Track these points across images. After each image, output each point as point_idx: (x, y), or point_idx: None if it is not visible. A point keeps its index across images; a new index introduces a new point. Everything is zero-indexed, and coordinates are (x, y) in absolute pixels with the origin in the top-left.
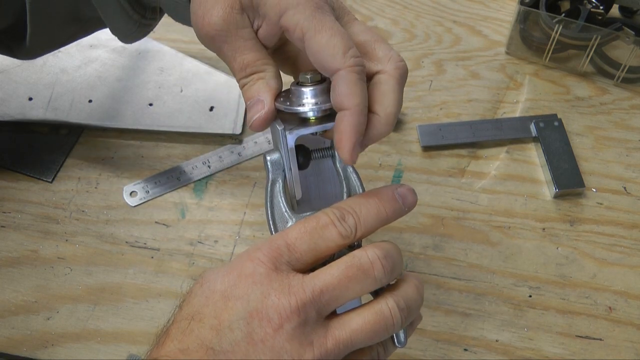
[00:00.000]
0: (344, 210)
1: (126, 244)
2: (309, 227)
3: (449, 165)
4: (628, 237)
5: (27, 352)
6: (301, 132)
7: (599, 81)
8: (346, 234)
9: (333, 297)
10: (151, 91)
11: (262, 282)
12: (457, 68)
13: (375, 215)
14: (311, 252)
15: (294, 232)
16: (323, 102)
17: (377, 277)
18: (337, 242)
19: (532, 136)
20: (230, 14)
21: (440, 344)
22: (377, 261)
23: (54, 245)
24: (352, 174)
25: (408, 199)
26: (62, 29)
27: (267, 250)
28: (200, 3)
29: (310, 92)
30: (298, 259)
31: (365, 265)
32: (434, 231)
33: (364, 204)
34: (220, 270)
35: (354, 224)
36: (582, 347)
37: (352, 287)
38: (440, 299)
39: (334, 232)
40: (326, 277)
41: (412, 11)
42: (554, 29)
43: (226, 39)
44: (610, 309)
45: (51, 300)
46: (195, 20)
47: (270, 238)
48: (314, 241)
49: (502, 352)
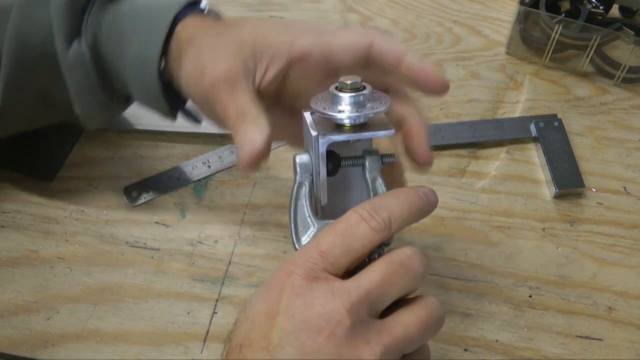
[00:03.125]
0: (375, 206)
1: (126, 244)
2: (339, 230)
3: (449, 165)
4: (628, 237)
5: (27, 352)
6: (334, 139)
7: (599, 81)
8: (379, 227)
9: (379, 294)
10: None
11: (304, 294)
12: (457, 68)
13: (407, 209)
14: (346, 255)
15: (326, 237)
16: (362, 111)
17: (417, 271)
18: (371, 238)
19: (532, 136)
20: (234, 64)
21: (440, 344)
22: (414, 256)
23: (54, 245)
24: (381, 186)
25: (431, 197)
26: (33, 111)
27: (301, 262)
28: (197, 58)
29: (349, 98)
30: (333, 264)
31: (405, 261)
32: (434, 231)
33: (395, 200)
34: (259, 291)
35: (387, 217)
36: (582, 347)
37: (396, 283)
38: (440, 299)
39: (366, 228)
40: (369, 276)
41: (412, 11)
42: (554, 29)
43: (226, 87)
44: (610, 309)
45: (51, 300)
46: (195, 75)
47: (303, 248)
48: (347, 242)
49: (502, 352)
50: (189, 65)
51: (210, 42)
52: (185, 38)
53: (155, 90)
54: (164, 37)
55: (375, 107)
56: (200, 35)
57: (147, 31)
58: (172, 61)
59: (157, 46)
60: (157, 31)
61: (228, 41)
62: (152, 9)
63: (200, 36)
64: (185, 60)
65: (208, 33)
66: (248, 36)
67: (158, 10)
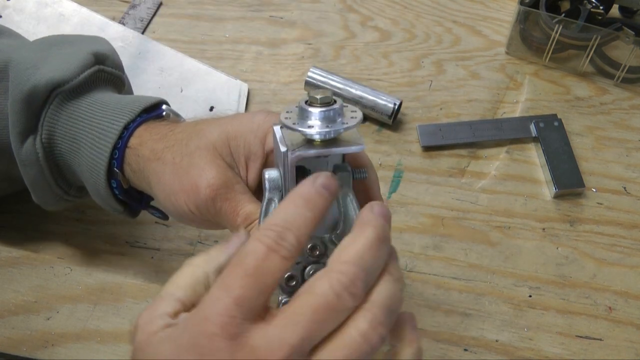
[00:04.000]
0: (278, 228)
1: (126, 244)
2: (249, 268)
3: (449, 165)
4: (628, 237)
5: (27, 352)
6: (304, 155)
7: (599, 81)
8: (290, 254)
9: (306, 345)
10: (151, 91)
11: (225, 357)
12: (457, 68)
13: (311, 218)
14: (262, 294)
15: (236, 280)
16: (332, 126)
17: (348, 307)
18: (283, 268)
19: (532, 136)
20: (224, 171)
21: (440, 344)
22: (343, 293)
23: (54, 245)
24: (352, 202)
25: (330, 186)
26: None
27: (217, 318)
28: (180, 178)
29: (319, 113)
30: (252, 309)
31: (331, 303)
32: (434, 231)
33: (295, 212)
34: (172, 350)
35: (294, 240)
36: (582, 347)
37: (323, 329)
38: (440, 299)
39: (277, 259)
40: (292, 328)
41: (412, 11)
42: (554, 29)
43: (227, 196)
44: (610, 309)
45: (51, 300)
46: (186, 193)
47: (212, 296)
48: (261, 281)
49: (502, 352)
50: (169, 186)
51: (184, 153)
52: (146, 154)
53: (107, 196)
54: (110, 148)
55: (346, 122)
56: (165, 150)
57: (97, 138)
58: (132, 172)
59: (105, 157)
60: (105, 141)
61: (202, 150)
62: (108, 111)
63: (166, 150)
64: (161, 178)
65: (173, 145)
66: (218, 138)
67: (113, 113)
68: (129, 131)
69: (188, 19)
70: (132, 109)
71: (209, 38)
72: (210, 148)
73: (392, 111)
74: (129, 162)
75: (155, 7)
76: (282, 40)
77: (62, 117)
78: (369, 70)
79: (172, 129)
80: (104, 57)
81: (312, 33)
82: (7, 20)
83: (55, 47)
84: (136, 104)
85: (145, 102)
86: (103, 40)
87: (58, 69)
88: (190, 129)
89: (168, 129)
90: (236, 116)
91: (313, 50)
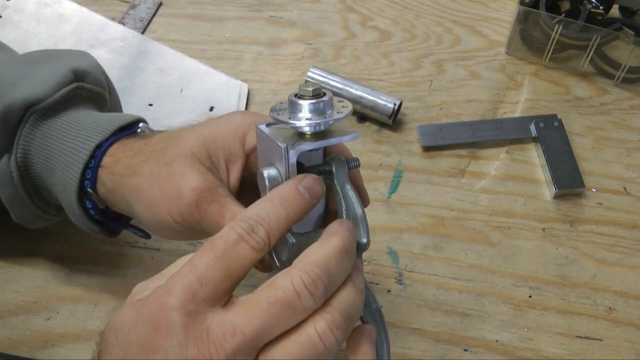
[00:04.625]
0: (252, 221)
1: (126, 244)
2: (217, 251)
3: (449, 165)
4: (628, 237)
5: (27, 353)
6: (305, 148)
7: (599, 81)
8: (259, 247)
9: (259, 338)
10: (151, 91)
11: (178, 332)
12: (457, 68)
13: (285, 217)
14: (227, 279)
15: (203, 259)
16: (323, 118)
17: (306, 307)
18: (251, 258)
19: (532, 136)
20: (205, 175)
21: (440, 344)
22: (303, 291)
23: (54, 245)
24: (351, 191)
25: (314, 190)
26: None
27: (179, 293)
28: (160, 187)
29: (310, 105)
30: (214, 291)
31: (290, 299)
32: (434, 231)
33: (270, 209)
34: (133, 317)
35: (265, 234)
36: (582, 347)
37: (280, 325)
38: (440, 299)
39: (246, 248)
40: (248, 318)
41: (412, 11)
42: (554, 29)
43: (211, 198)
44: (610, 309)
45: (51, 300)
46: (169, 199)
47: (179, 273)
48: (227, 265)
49: (502, 353)
50: (150, 198)
51: (162, 164)
52: (121, 171)
53: (81, 216)
54: (81, 168)
55: (338, 113)
56: (141, 163)
57: (69, 157)
58: (107, 192)
59: (75, 177)
60: (76, 161)
61: (180, 157)
62: (82, 131)
63: (142, 164)
64: (140, 192)
65: (149, 158)
66: (196, 144)
67: (86, 132)
68: (102, 150)
69: (188, 19)
70: (106, 128)
71: (209, 38)
72: (188, 155)
73: (392, 111)
74: (103, 181)
75: (155, 7)
76: (282, 40)
77: (36, 136)
78: (369, 70)
79: (146, 142)
80: (84, 74)
81: (312, 33)
82: (7, 21)
83: (38, 63)
84: (111, 123)
85: (120, 122)
86: (87, 56)
87: (34, 87)
88: (166, 139)
89: (142, 143)
90: (213, 120)
91: (313, 50)
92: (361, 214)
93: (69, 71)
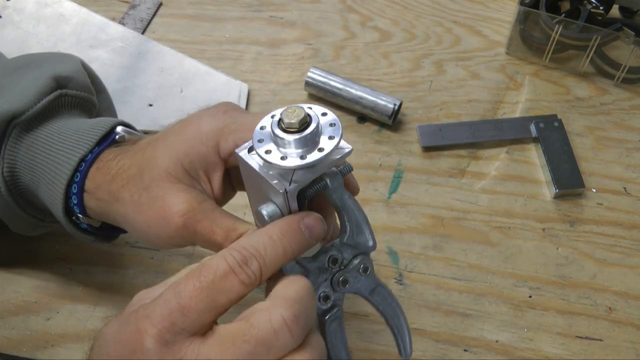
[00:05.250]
0: (246, 252)
1: (126, 244)
2: (205, 282)
3: (449, 165)
4: (628, 237)
5: (26, 353)
6: (302, 184)
7: (599, 81)
8: (250, 281)
9: None
10: (151, 91)
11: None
12: (457, 68)
13: (281, 254)
14: (210, 311)
15: (188, 287)
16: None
17: (283, 345)
18: (239, 292)
19: (532, 136)
20: (186, 194)
21: (440, 344)
22: (282, 328)
23: (54, 245)
24: (350, 199)
25: (315, 230)
26: None
27: (158, 320)
28: (143, 215)
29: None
30: (195, 322)
31: (268, 336)
32: (433, 231)
33: (268, 243)
34: (115, 333)
35: (258, 269)
36: (582, 347)
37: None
38: (440, 300)
39: (235, 282)
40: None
41: (412, 11)
42: (554, 29)
43: (197, 217)
44: (610, 310)
45: (51, 300)
46: (155, 229)
47: (162, 297)
48: (212, 297)
49: (502, 353)
50: (136, 225)
51: (140, 188)
52: (104, 197)
53: (72, 230)
54: (63, 190)
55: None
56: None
57: (53, 173)
58: (98, 215)
59: (59, 198)
60: (59, 178)
61: (157, 181)
62: (64, 143)
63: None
64: (126, 218)
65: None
66: (170, 163)
67: (69, 145)
68: (83, 172)
69: (188, 19)
70: (87, 139)
71: (209, 38)
72: (164, 176)
73: (392, 111)
74: (90, 206)
75: (155, 8)
76: (282, 41)
77: (21, 149)
78: (369, 70)
79: (121, 166)
80: (67, 80)
81: (312, 33)
82: (7, 21)
83: (18, 71)
84: (92, 132)
85: (99, 132)
86: (71, 59)
87: (15, 99)
88: (139, 160)
89: (117, 166)
90: (182, 129)
91: (313, 51)
92: (363, 219)
93: (50, 79)
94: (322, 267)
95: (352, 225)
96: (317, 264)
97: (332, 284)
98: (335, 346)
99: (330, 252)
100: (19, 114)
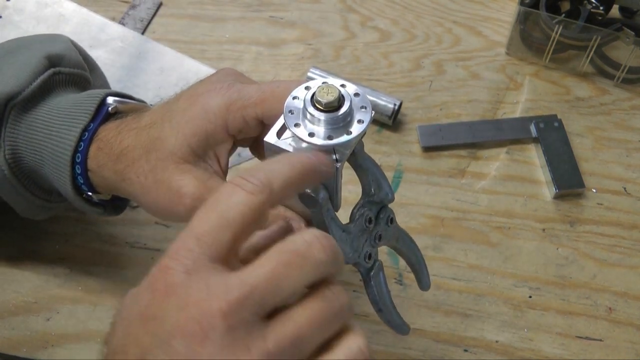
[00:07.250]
0: (250, 171)
1: (126, 245)
2: (211, 205)
3: (449, 165)
4: (628, 237)
5: (26, 353)
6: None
7: (599, 82)
8: (257, 189)
9: (268, 292)
10: (151, 92)
11: (177, 292)
12: (457, 68)
13: (289, 167)
14: (225, 229)
15: (199, 218)
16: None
17: (317, 259)
18: (250, 203)
19: (532, 137)
20: (193, 172)
21: (440, 344)
22: (314, 241)
23: (54, 245)
24: (368, 159)
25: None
26: None
27: (176, 253)
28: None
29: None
30: (214, 244)
31: (302, 249)
32: (433, 232)
33: (272, 161)
34: (133, 290)
35: (264, 176)
36: (582, 347)
37: (291, 276)
38: (440, 300)
39: (241, 194)
40: (255, 269)
41: (412, 12)
42: (554, 29)
43: (206, 197)
44: (610, 310)
45: (51, 300)
46: (165, 210)
47: (178, 237)
48: (222, 215)
49: (502, 353)
50: (146, 205)
51: (147, 170)
52: (111, 176)
53: (81, 205)
54: (70, 158)
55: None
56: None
57: (56, 148)
58: (107, 190)
59: (67, 173)
60: (64, 151)
61: (163, 162)
62: (65, 117)
63: (128, 169)
64: (136, 197)
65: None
66: (176, 144)
67: (69, 117)
68: (83, 152)
69: (188, 19)
70: (85, 109)
71: (209, 38)
72: (169, 158)
73: (392, 112)
74: (97, 183)
75: (155, 8)
76: (282, 41)
77: (21, 130)
78: (369, 70)
79: (125, 146)
80: (59, 58)
81: (312, 33)
82: (7, 21)
83: (10, 54)
84: (87, 103)
85: (94, 100)
86: (60, 39)
87: (9, 81)
88: (144, 140)
89: (121, 146)
90: (188, 107)
91: (313, 51)
92: (381, 174)
93: (42, 59)
94: (362, 229)
95: (374, 183)
96: (357, 227)
97: (370, 241)
98: (382, 295)
99: (363, 212)
100: (15, 95)
